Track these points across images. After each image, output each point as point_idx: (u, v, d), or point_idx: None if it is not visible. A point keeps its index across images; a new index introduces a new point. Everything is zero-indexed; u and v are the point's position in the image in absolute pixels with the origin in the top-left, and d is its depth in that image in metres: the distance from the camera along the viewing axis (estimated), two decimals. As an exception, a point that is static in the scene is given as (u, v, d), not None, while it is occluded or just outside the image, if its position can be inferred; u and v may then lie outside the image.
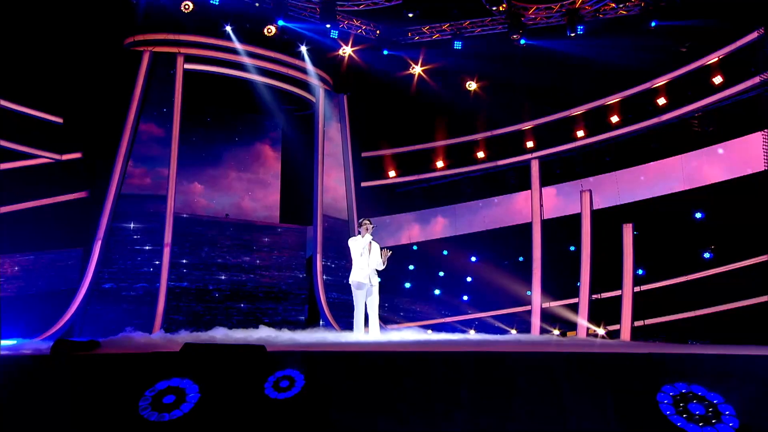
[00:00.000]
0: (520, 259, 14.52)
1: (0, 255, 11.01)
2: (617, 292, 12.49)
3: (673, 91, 12.89)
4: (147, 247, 12.09)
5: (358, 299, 8.17)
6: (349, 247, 8.38)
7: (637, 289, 12.47)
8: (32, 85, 11.35)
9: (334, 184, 14.85)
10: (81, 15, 11.50)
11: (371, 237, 8.29)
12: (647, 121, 13.08)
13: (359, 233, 8.31)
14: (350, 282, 8.27)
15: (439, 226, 15.58)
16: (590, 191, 13.31)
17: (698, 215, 12.74)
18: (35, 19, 11.19)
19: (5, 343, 9.87)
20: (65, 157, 12.11)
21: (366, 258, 8.13)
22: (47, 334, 10.34)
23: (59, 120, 11.98)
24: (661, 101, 12.92)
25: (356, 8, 13.49)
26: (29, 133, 11.54)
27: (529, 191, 14.28)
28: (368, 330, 8.14)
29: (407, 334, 8.46)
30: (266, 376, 3.75)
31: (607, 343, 8.85)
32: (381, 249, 8.35)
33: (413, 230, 15.76)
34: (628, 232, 12.60)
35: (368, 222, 8.33)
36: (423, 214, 15.75)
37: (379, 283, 8.38)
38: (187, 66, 13.01)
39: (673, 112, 12.77)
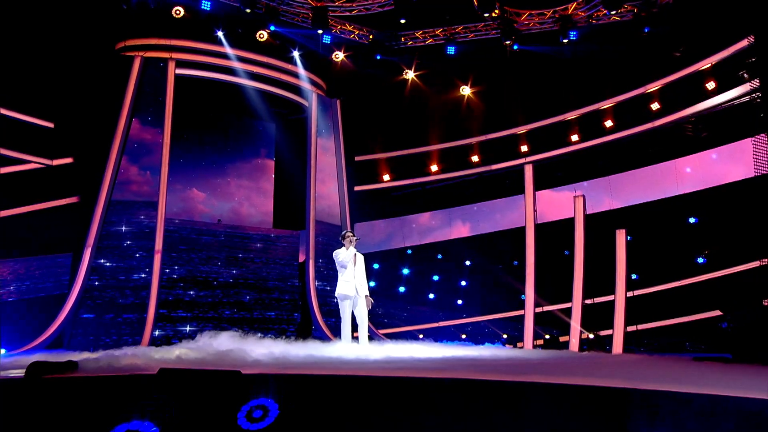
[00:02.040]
0: (515, 263, 14.44)
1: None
2: (611, 297, 12.43)
3: (667, 96, 12.83)
4: (138, 254, 11.98)
5: (345, 310, 8.19)
6: (334, 259, 8.37)
7: (630, 294, 12.40)
8: (22, 89, 11.19)
9: (328, 190, 14.75)
10: (72, 19, 11.37)
11: (355, 249, 8.32)
12: (641, 126, 13.02)
13: (343, 246, 8.29)
14: (336, 295, 8.29)
15: (433, 229, 15.49)
16: (583, 196, 13.21)
17: (692, 220, 12.69)
18: (26, 23, 11.05)
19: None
20: (56, 162, 11.97)
21: (352, 270, 8.15)
22: (36, 343, 10.24)
23: (50, 125, 11.83)
24: (655, 106, 12.85)
25: (348, 14, 13.38)
26: (20, 139, 11.41)
27: (524, 195, 14.16)
28: (358, 339, 8.11)
29: (397, 348, 8.30)
30: (240, 405, 3.66)
31: (584, 359, 8.66)
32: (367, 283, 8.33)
33: (408, 234, 15.67)
34: (621, 238, 12.51)
35: (351, 234, 8.36)
36: (417, 218, 15.67)
37: (373, 287, 8.38)
38: (179, 71, 12.88)
39: (666, 118, 12.71)
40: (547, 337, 12.99)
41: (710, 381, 4.27)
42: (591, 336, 12.35)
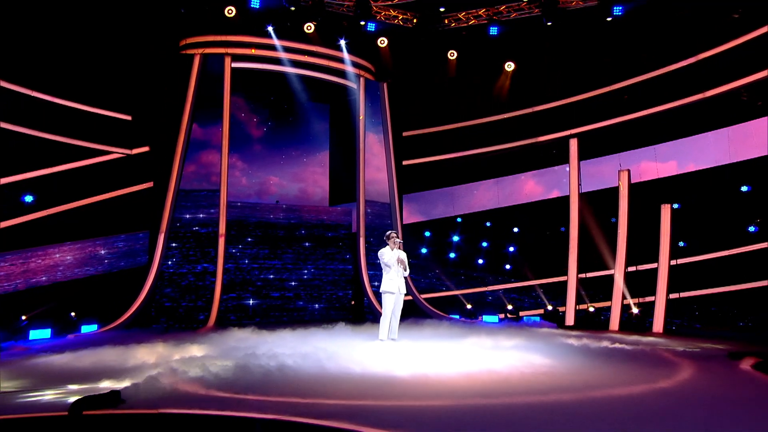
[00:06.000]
0: (562, 229, 13.79)
1: (85, 239, 11.44)
2: (654, 265, 11.65)
3: (721, 65, 11.52)
4: (204, 238, 12.29)
5: (387, 305, 8.15)
6: (379, 259, 8.39)
7: (674, 262, 11.60)
8: (105, 88, 11.54)
9: (377, 169, 14.56)
10: (142, 23, 11.70)
11: (399, 250, 8.31)
12: (693, 96, 11.87)
13: (388, 246, 8.22)
14: (381, 290, 8.32)
15: (481, 199, 14.97)
16: (629, 170, 12.27)
17: (744, 188, 11.57)
18: (103, 30, 11.30)
19: (87, 329, 10.44)
20: (135, 151, 12.29)
21: (396, 269, 8.16)
22: (120, 321, 10.80)
23: (128, 117, 12.11)
24: (708, 75, 11.60)
25: (391, 2, 12.65)
26: (104, 132, 11.78)
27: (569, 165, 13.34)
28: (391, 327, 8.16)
29: (434, 348, 7.80)
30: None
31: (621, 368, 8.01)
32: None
33: (457, 203, 15.25)
34: (665, 212, 11.59)
35: (396, 236, 8.36)
36: (466, 187, 15.15)
37: (425, 254, 8.37)
38: (235, 65, 12.79)
39: (720, 87, 11.51)
40: (591, 309, 12.44)
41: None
42: (635, 311, 11.68)
